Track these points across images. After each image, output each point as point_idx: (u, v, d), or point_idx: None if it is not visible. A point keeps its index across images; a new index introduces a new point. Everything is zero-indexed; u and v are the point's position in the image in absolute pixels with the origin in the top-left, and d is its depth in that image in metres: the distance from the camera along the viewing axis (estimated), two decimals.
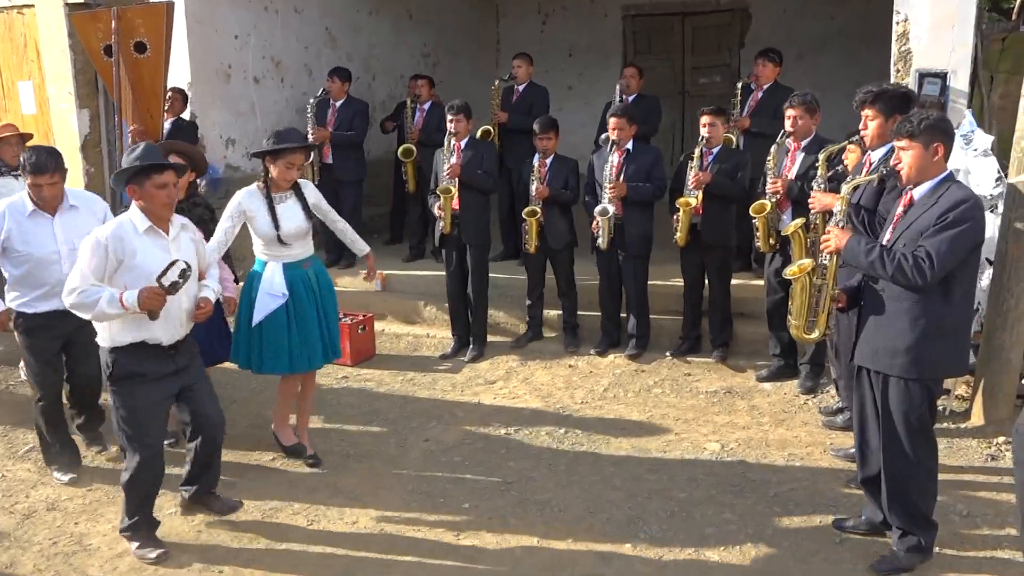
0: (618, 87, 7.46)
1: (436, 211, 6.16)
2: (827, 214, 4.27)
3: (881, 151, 4.03)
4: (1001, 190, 4.79)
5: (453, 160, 6.12)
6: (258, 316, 4.37)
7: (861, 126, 4.06)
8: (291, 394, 4.67)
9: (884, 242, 3.36)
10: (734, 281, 6.06)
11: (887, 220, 3.44)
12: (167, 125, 6.79)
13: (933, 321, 3.22)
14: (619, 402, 5.41)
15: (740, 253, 6.42)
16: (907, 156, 3.26)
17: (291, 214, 4.42)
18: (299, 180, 4.51)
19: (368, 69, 9.59)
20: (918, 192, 3.30)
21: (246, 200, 4.37)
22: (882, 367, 3.34)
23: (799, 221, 4.38)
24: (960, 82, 5.30)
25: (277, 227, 4.35)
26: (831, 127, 5.74)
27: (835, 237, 3.39)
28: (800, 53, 10.28)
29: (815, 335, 3.64)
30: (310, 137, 7.19)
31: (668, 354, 6.03)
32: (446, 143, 6.16)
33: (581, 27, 11.78)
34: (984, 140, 4.94)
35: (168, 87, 6.62)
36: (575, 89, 11.67)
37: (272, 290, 4.36)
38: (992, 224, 4.73)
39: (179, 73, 7.06)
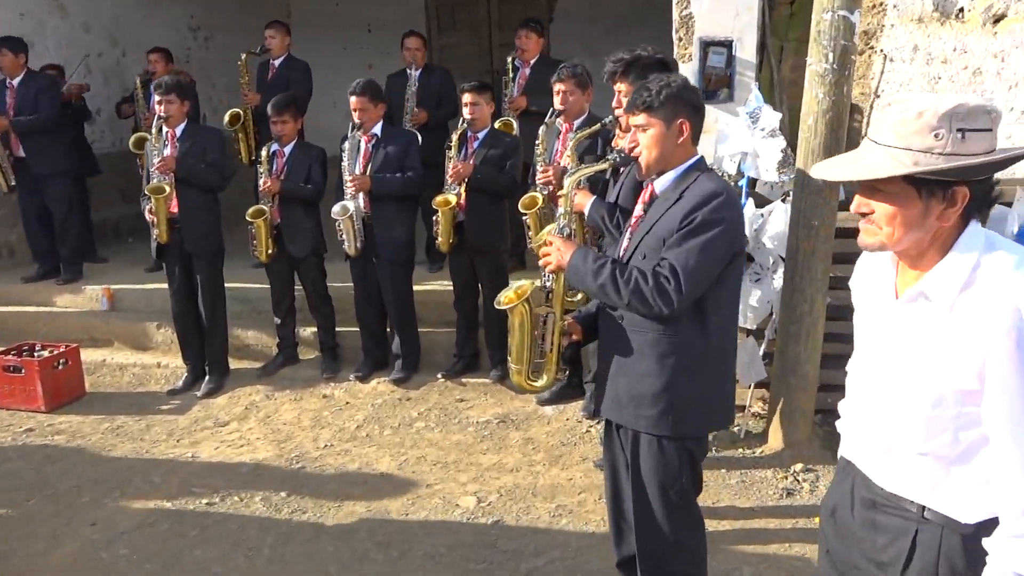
0: (410, 70, 6.42)
1: (148, 216, 4.95)
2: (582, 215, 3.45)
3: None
4: (789, 176, 4.13)
5: (167, 152, 4.93)
6: None
7: (614, 103, 3.23)
8: None
9: (620, 253, 2.53)
10: (513, 282, 5.18)
11: (624, 224, 2.60)
12: None
13: (687, 358, 2.41)
14: (371, 443, 4.44)
15: (515, 251, 5.56)
16: (645, 137, 2.43)
17: None
18: None
19: (114, 43, 8.12)
20: (660, 184, 2.48)
21: None
22: (627, 420, 2.51)
23: (550, 227, 3.53)
24: (746, 51, 4.62)
25: None
26: None
27: (556, 251, 2.52)
28: (608, 28, 9.65)
29: (543, 382, 2.73)
30: None
31: (440, 375, 5.10)
32: (154, 131, 4.95)
33: (380, 1, 10.69)
34: (772, 118, 4.27)
35: None
36: (377, 68, 10.55)
37: None
38: (783, 216, 4.07)
39: None
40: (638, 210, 2.52)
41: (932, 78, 4.29)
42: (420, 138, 5.52)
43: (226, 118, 6.29)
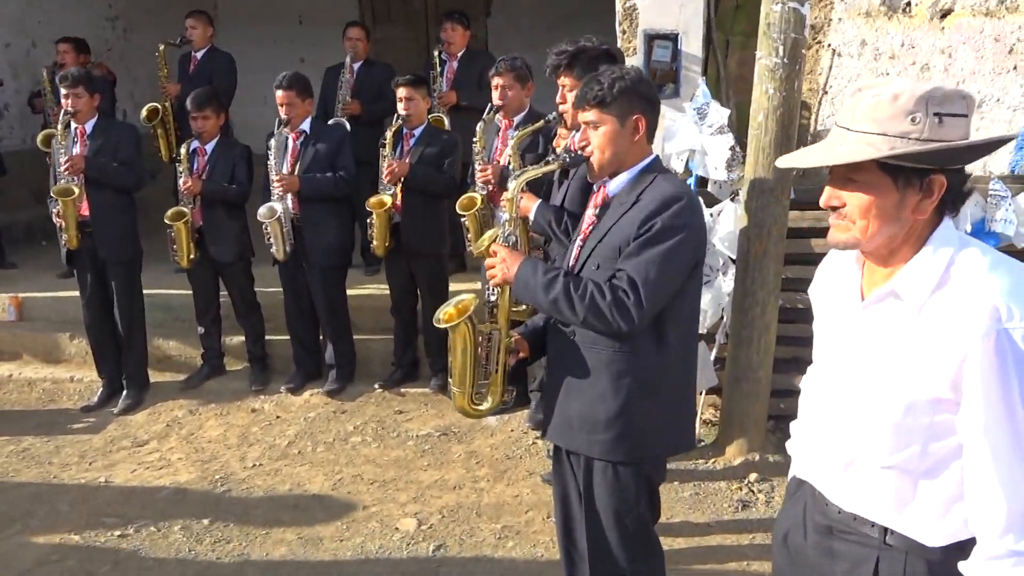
0: (348, 57, 6.11)
1: (56, 219, 4.56)
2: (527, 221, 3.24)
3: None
4: (739, 174, 3.98)
5: (75, 150, 4.55)
6: None
7: (558, 98, 3.01)
8: None
9: (570, 263, 2.31)
10: (453, 286, 4.95)
11: (581, 229, 2.38)
12: None
13: (645, 377, 2.21)
14: (303, 461, 4.15)
15: (454, 253, 5.31)
16: (597, 135, 2.22)
17: None
18: None
19: (24, 33, 7.62)
20: (613, 187, 2.28)
21: None
22: (579, 446, 2.30)
23: (492, 233, 3.29)
24: (692, 45, 4.46)
25: None
26: None
27: (501, 263, 2.29)
28: (551, 24, 9.43)
29: (487, 405, 2.46)
30: None
31: (377, 386, 4.83)
32: (60, 128, 4.56)
33: None
34: (720, 114, 4.12)
35: None
36: (309, 61, 10.16)
37: None
38: (732, 216, 3.91)
39: None
40: (589, 215, 2.31)
41: (880, 73, 4.19)
42: (349, 127, 5.26)
43: (143, 113, 5.89)
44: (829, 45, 4.26)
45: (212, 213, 4.76)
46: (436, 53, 5.65)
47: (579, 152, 2.24)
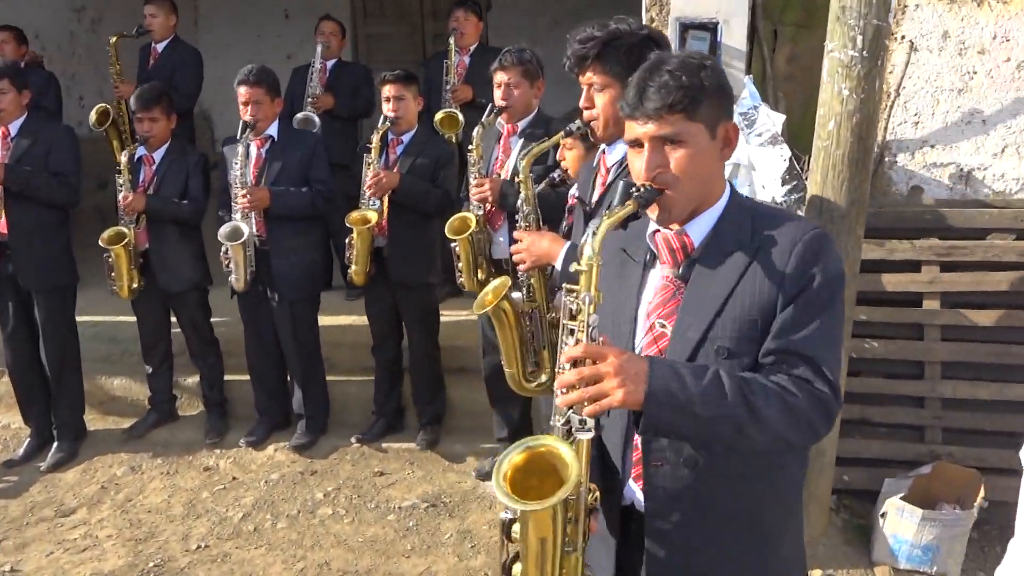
0: (319, 48, 5.39)
1: None
2: (548, 270, 2.55)
3: (623, 147, 2.26)
4: (799, 195, 3.24)
5: None
6: None
7: (583, 101, 2.24)
8: None
9: (642, 345, 1.54)
10: (445, 318, 4.19)
11: (641, 299, 1.59)
12: None
13: (788, 499, 1.59)
14: (259, 541, 3.39)
15: (447, 275, 4.50)
16: (680, 158, 1.46)
17: None
18: None
19: None
20: (699, 231, 1.52)
21: None
22: None
23: (500, 285, 2.56)
24: (734, 37, 3.71)
25: None
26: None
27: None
28: (555, 19, 8.70)
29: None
30: None
31: (354, 439, 4.07)
32: None
33: None
34: (772, 120, 3.38)
35: None
36: (295, 59, 9.44)
37: None
38: None
39: None
40: (661, 277, 1.54)
41: (966, 72, 3.45)
42: (319, 123, 4.57)
43: (92, 116, 5.13)
44: (903, 37, 3.50)
45: (160, 234, 4.01)
46: (452, 41, 4.90)
47: (650, 185, 1.46)
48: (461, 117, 4.53)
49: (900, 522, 2.98)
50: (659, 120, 1.44)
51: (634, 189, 1.46)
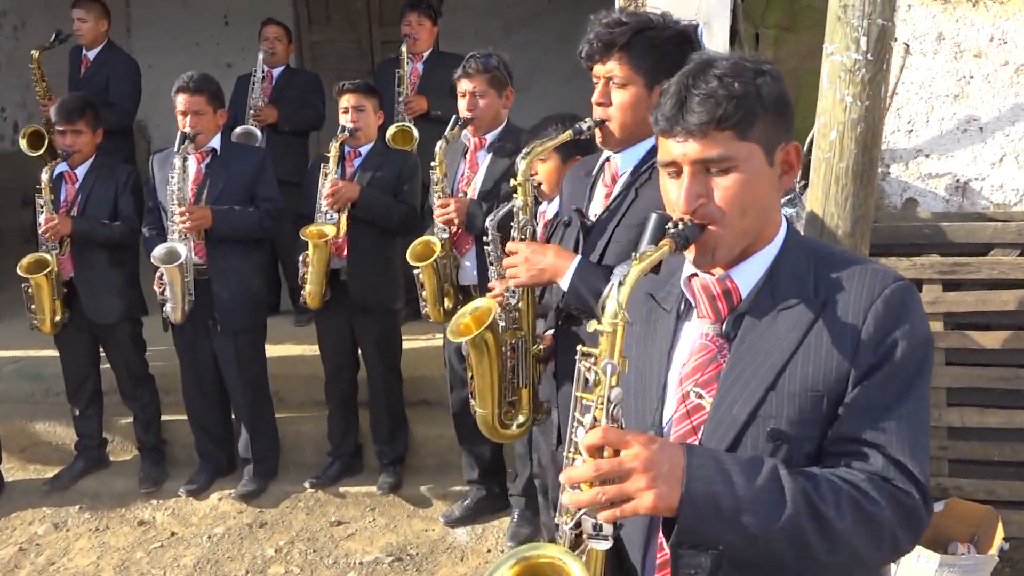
0: (260, 55, 5.01)
1: None
2: (537, 292, 2.23)
3: (635, 160, 1.95)
4: (794, 210, 2.99)
5: None
6: None
7: (597, 97, 1.91)
8: None
9: (672, 419, 1.22)
10: (407, 344, 3.83)
11: (672, 360, 1.27)
12: None
13: None
14: None
15: (408, 296, 4.11)
16: (729, 185, 1.15)
17: None
18: None
19: None
20: (746, 278, 1.21)
21: None
22: None
23: (485, 307, 2.21)
24: (716, 40, 3.46)
25: None
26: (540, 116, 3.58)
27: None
28: (508, 25, 8.42)
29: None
30: None
31: (308, 484, 3.69)
32: None
33: None
34: None
35: None
36: (236, 67, 9.00)
37: None
38: None
39: None
40: (700, 334, 1.22)
41: (962, 77, 3.24)
42: (261, 136, 4.22)
43: (22, 142, 4.62)
44: (896, 39, 3.28)
45: (87, 260, 3.59)
46: (404, 48, 4.55)
47: (691, 221, 1.14)
48: (416, 132, 4.19)
49: (916, 568, 2.73)
50: (704, 138, 1.13)
51: (670, 225, 1.15)
